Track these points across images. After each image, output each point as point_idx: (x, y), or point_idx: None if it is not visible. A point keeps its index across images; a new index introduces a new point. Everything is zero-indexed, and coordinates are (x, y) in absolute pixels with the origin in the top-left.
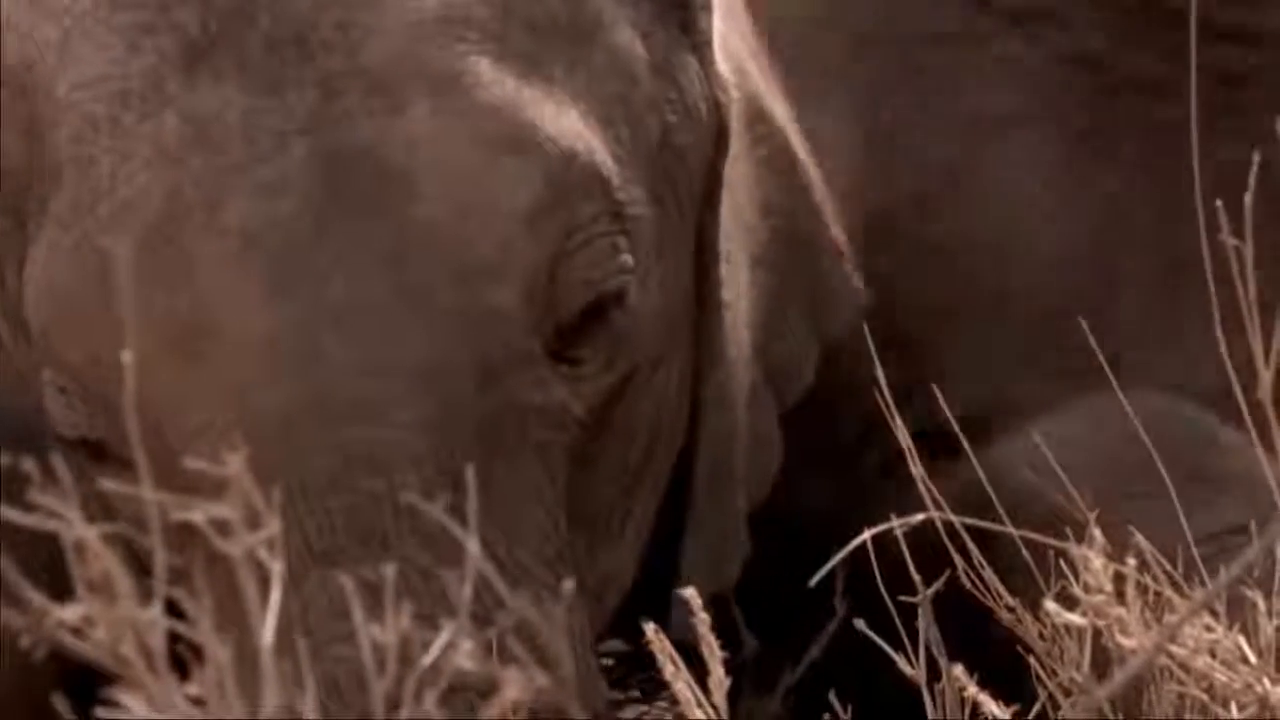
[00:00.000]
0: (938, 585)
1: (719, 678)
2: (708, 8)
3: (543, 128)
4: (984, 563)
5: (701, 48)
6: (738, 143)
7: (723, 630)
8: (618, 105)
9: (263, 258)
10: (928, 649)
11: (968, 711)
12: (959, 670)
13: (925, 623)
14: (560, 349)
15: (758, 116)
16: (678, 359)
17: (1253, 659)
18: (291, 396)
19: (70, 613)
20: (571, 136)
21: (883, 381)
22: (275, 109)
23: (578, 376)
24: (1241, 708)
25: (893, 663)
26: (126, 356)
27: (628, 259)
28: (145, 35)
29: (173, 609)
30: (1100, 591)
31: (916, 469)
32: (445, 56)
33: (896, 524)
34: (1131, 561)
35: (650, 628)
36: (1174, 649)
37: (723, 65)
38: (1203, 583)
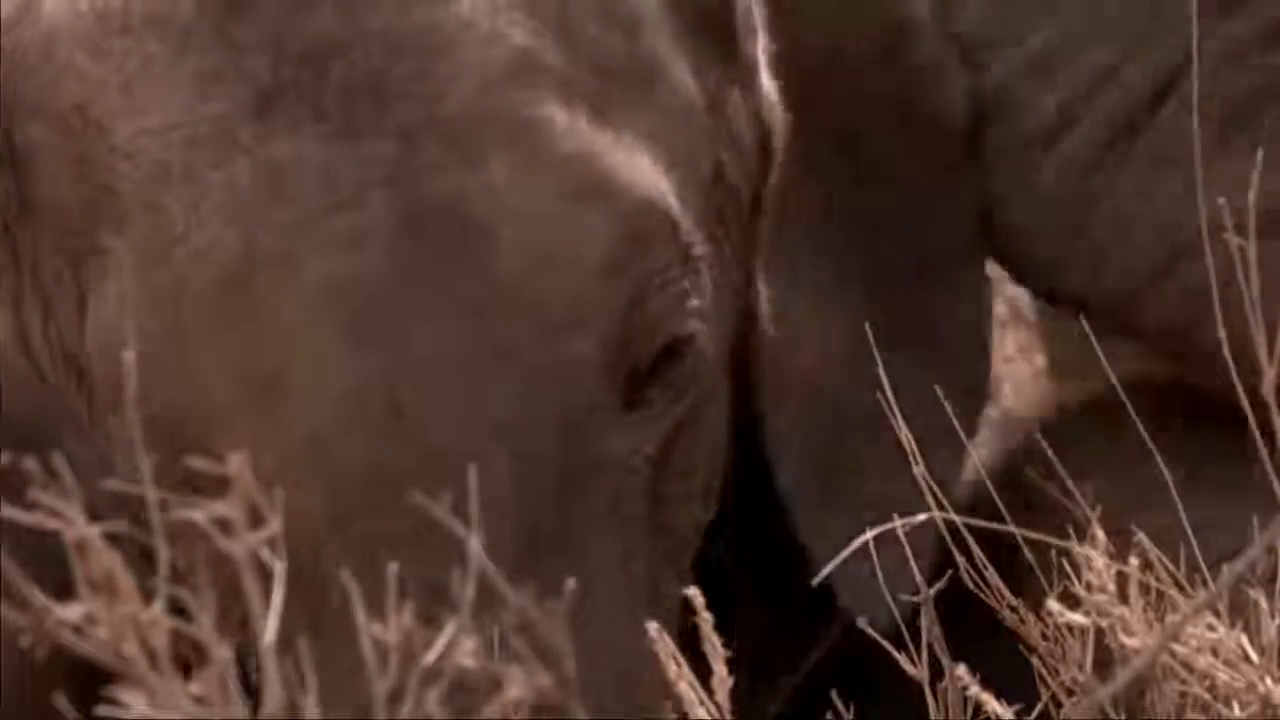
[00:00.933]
0: (940, 584)
1: (721, 676)
2: (753, 31)
3: (617, 176)
4: (986, 563)
5: (746, 75)
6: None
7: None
8: (679, 146)
9: (343, 309)
10: (930, 648)
11: (970, 711)
12: (962, 670)
13: (928, 622)
14: (633, 395)
15: None
16: (723, 387)
17: (1255, 658)
18: (372, 450)
19: (72, 612)
20: (644, 183)
21: (885, 382)
22: (353, 159)
23: (648, 418)
24: (1244, 707)
25: (895, 662)
26: (128, 357)
27: (697, 302)
28: (215, 82)
29: (177, 608)
30: (1103, 591)
31: (918, 469)
32: (521, 106)
33: (899, 523)
34: (1134, 561)
35: (653, 627)
36: (1176, 648)
37: (769, 84)
38: (1205, 582)
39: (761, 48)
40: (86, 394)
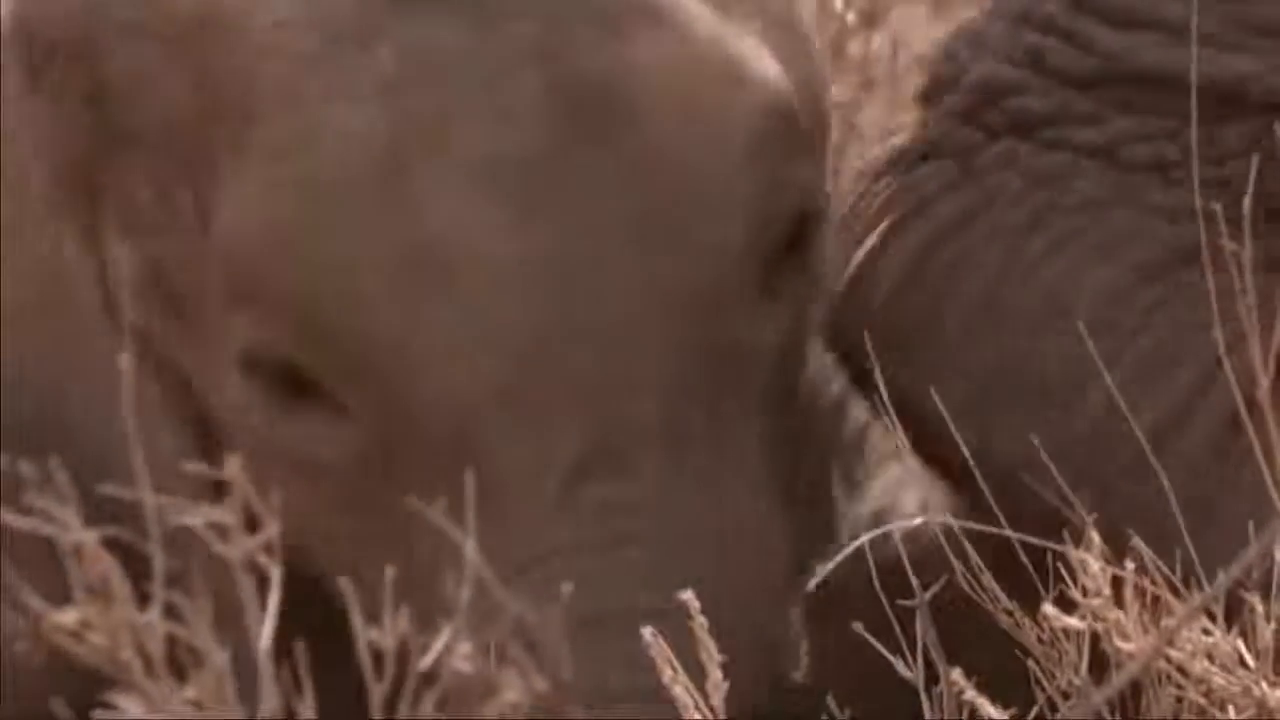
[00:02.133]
0: (936, 588)
1: (716, 680)
2: None
3: (748, 60)
4: (982, 566)
5: None
6: None
7: None
8: (776, 50)
9: (502, 183)
10: (925, 652)
11: (966, 715)
12: (957, 673)
13: (923, 625)
14: (768, 279)
15: None
16: None
17: (1251, 662)
18: (538, 320)
19: (68, 616)
20: (768, 69)
21: (880, 381)
22: (497, 39)
23: (776, 313)
24: (1240, 711)
25: (890, 665)
26: (124, 361)
27: (821, 181)
28: None
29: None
30: (1098, 595)
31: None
32: None
33: (895, 525)
34: (1129, 565)
35: (648, 631)
36: (1172, 652)
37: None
38: (1200, 586)
39: None
40: (177, 320)
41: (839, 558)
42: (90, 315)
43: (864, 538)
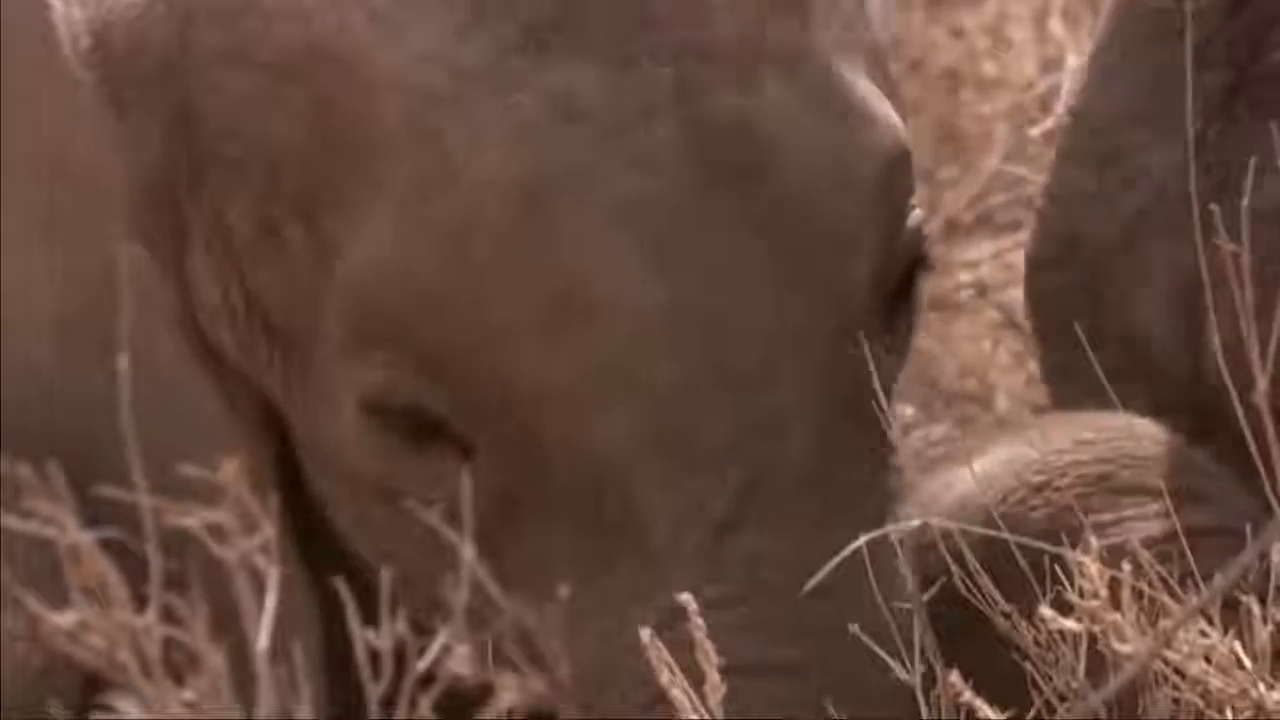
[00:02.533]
0: (933, 590)
1: (714, 683)
2: None
3: (872, 103)
4: (979, 568)
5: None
6: None
7: None
8: (884, 88)
9: (643, 227)
10: (923, 654)
11: (963, 717)
12: (954, 676)
13: (920, 628)
14: (886, 318)
15: None
16: None
17: (1248, 664)
18: (686, 365)
19: (66, 619)
20: (889, 112)
21: (877, 384)
22: (634, 82)
23: (891, 348)
24: (1237, 713)
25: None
26: (122, 362)
27: (926, 226)
28: (478, 14)
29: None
30: (1095, 597)
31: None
32: (786, 32)
33: (891, 529)
34: (1126, 567)
35: (645, 633)
36: (1169, 654)
37: None
38: (1198, 588)
39: None
40: (280, 351)
41: (838, 558)
42: (152, 330)
43: (860, 540)
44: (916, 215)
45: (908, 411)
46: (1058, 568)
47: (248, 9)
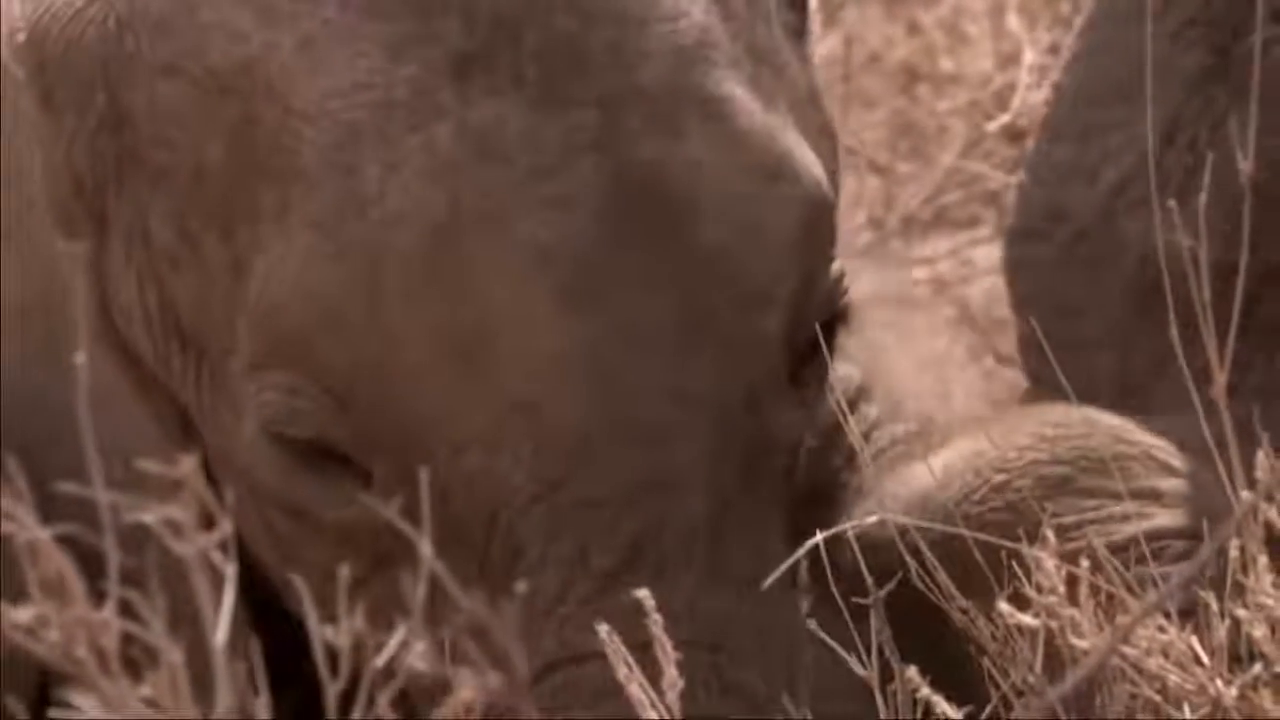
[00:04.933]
0: (890, 586)
1: (672, 678)
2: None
3: (794, 154)
4: (937, 564)
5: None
6: None
7: None
8: (808, 134)
9: (553, 272)
10: (880, 650)
11: (920, 712)
12: (912, 671)
13: (878, 624)
14: (795, 374)
15: None
16: None
17: (1205, 660)
18: (584, 415)
19: (24, 614)
20: (812, 163)
21: (838, 389)
22: (558, 125)
23: (804, 403)
24: (1194, 709)
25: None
26: (79, 357)
27: (844, 280)
28: (407, 45)
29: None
30: (1053, 592)
31: (867, 470)
32: (708, 81)
33: (849, 525)
34: (1084, 563)
35: (603, 629)
36: (1126, 650)
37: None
38: (1155, 584)
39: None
40: (193, 359)
41: (791, 559)
42: (79, 324)
43: (817, 538)
44: (836, 267)
45: (873, 411)
46: (1016, 565)
47: (185, 22)
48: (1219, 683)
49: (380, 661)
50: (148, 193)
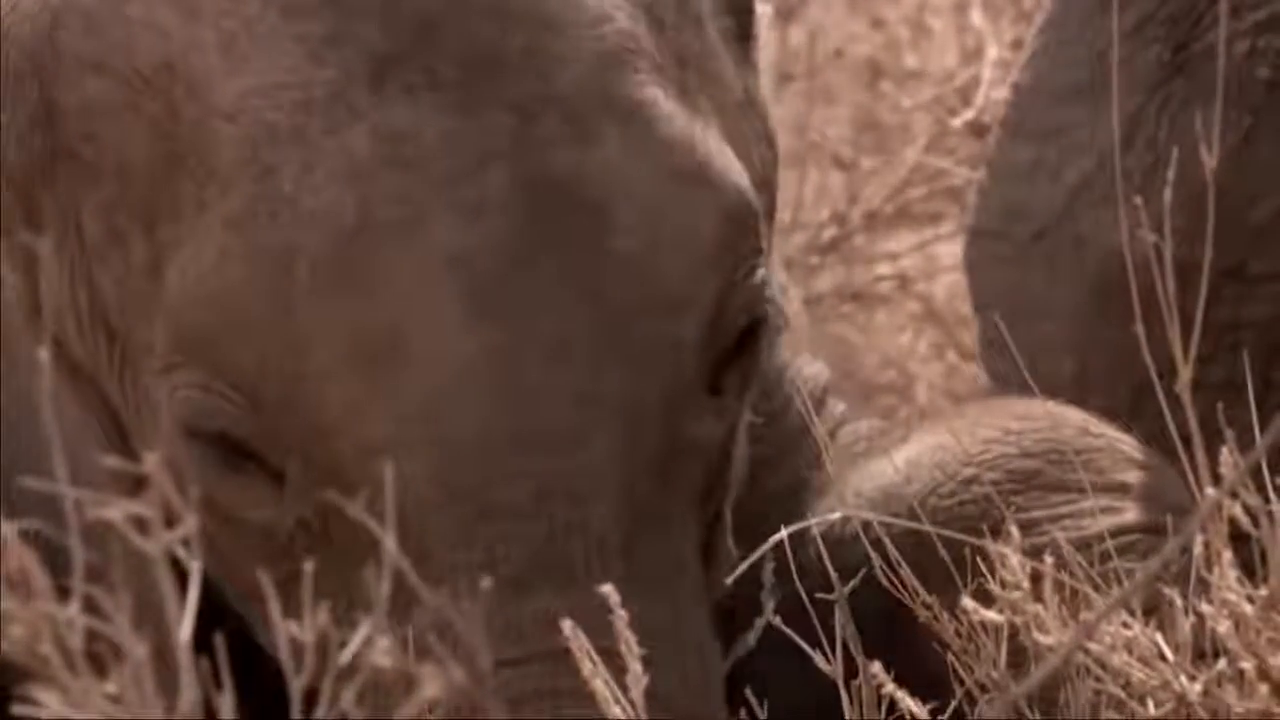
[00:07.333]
0: (854, 583)
1: (636, 674)
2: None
3: (715, 161)
4: (900, 560)
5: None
6: None
7: None
8: (739, 140)
9: (464, 278)
10: (845, 646)
11: (885, 709)
12: (876, 668)
13: (842, 620)
14: (713, 380)
15: None
16: None
17: (1170, 656)
18: (491, 421)
19: None
20: (734, 170)
21: (804, 389)
22: (473, 129)
23: (721, 408)
24: (1159, 705)
25: (811, 660)
26: (43, 354)
27: (768, 287)
28: (326, 46)
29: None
30: (1017, 588)
31: (831, 468)
32: (628, 87)
33: (813, 521)
34: (1049, 559)
35: (567, 625)
36: (1091, 646)
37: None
38: (1120, 580)
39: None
40: (119, 355)
41: (754, 556)
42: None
43: (780, 534)
44: (760, 275)
45: (839, 408)
46: (980, 561)
47: (113, 17)
48: (1183, 679)
49: (344, 658)
50: (79, 189)
